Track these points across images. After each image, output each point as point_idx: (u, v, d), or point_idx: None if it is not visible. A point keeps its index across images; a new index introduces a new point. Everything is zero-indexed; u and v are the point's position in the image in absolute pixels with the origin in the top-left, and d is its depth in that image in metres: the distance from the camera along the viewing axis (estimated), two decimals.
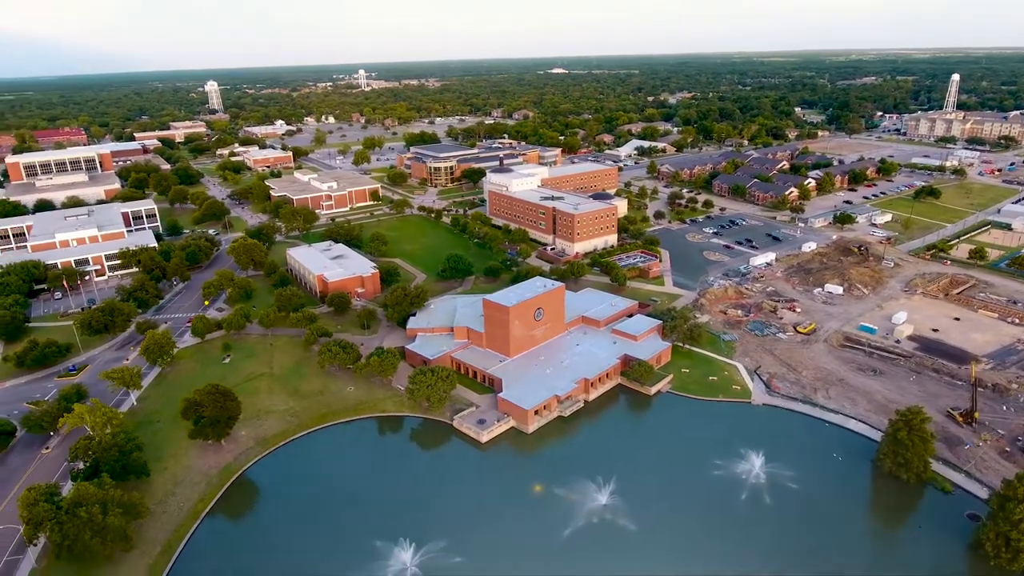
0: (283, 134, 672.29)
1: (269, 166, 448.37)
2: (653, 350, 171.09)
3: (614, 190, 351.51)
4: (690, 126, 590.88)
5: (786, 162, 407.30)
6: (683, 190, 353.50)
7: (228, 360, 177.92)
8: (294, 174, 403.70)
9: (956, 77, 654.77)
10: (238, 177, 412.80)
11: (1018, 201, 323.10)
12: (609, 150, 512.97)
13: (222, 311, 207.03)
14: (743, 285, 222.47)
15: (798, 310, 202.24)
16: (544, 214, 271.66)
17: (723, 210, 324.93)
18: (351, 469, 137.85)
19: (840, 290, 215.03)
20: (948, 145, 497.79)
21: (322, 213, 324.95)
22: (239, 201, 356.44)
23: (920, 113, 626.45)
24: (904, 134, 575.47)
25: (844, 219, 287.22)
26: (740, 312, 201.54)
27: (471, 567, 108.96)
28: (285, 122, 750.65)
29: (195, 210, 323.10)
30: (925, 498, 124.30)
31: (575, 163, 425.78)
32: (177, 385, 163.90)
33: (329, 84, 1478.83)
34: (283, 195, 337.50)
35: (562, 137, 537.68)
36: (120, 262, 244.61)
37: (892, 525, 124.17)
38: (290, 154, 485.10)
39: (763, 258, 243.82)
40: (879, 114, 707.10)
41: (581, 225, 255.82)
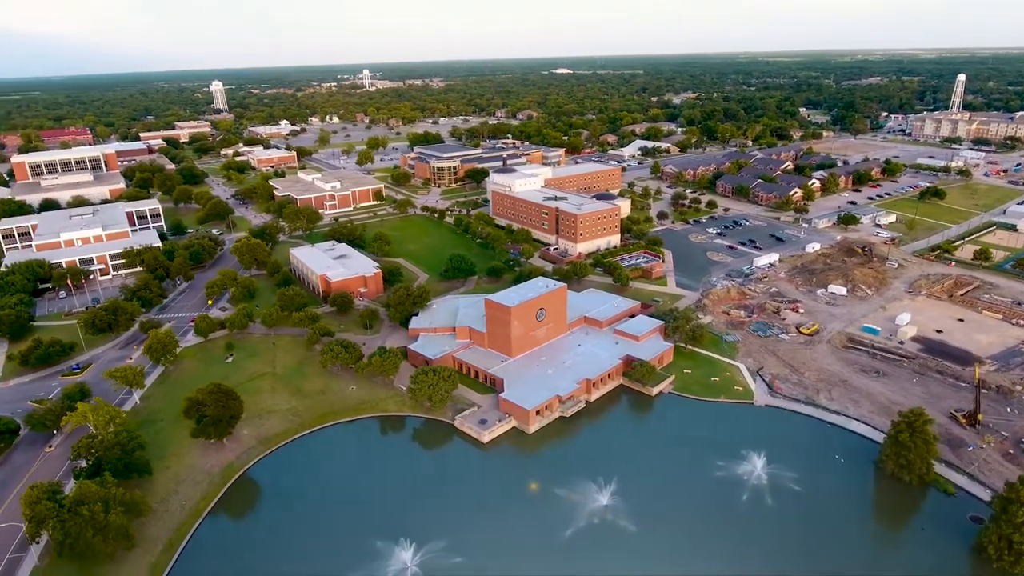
0: (287, 134, 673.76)
1: (273, 166, 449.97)
2: (655, 351, 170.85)
3: (617, 190, 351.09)
4: (694, 126, 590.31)
5: (790, 163, 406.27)
6: (687, 190, 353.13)
7: (231, 359, 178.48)
8: (298, 174, 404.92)
9: (962, 77, 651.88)
10: (242, 177, 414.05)
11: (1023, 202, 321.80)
12: (613, 150, 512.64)
13: (225, 310, 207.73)
14: (746, 286, 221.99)
15: (801, 311, 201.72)
16: (547, 214, 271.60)
17: (727, 211, 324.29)
18: (352, 468, 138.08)
19: (844, 291, 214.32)
20: (953, 146, 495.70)
21: (325, 213, 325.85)
22: (243, 201, 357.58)
23: (925, 114, 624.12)
24: (909, 135, 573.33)
25: (848, 220, 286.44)
26: (743, 313, 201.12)
27: (471, 567, 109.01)
28: (289, 122, 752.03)
29: (199, 210, 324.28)
30: (927, 500, 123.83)
31: (578, 163, 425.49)
32: (180, 384, 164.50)
33: (334, 84, 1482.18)
34: (287, 195, 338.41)
35: (566, 137, 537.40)
36: (124, 261, 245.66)
37: (894, 527, 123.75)
38: (294, 154, 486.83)
39: (766, 259, 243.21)
40: (884, 115, 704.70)
41: (584, 225, 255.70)
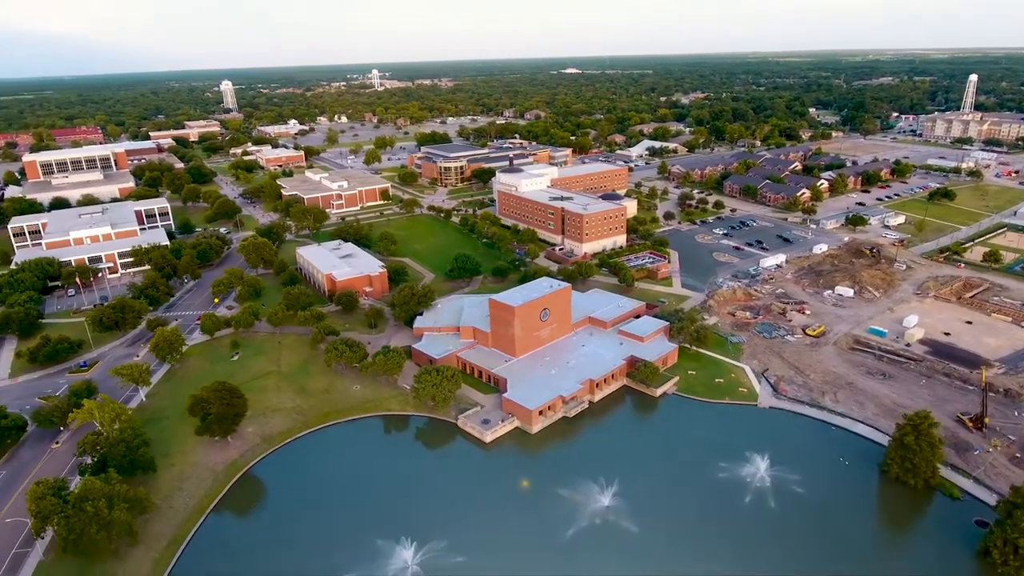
0: (296, 133, 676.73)
1: (281, 165, 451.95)
2: (659, 351, 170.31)
3: (624, 191, 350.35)
4: (702, 126, 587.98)
5: (799, 163, 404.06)
6: (694, 191, 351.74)
7: (236, 358, 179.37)
8: (305, 173, 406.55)
9: (974, 78, 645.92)
10: (250, 176, 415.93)
11: None
12: (620, 150, 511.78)
13: (231, 309, 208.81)
14: (752, 287, 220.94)
15: (807, 312, 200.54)
16: (553, 214, 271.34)
17: (734, 211, 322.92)
18: (355, 467, 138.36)
19: (851, 292, 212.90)
20: (964, 146, 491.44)
21: (332, 212, 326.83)
22: (251, 200, 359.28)
23: (936, 114, 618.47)
24: (920, 135, 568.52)
25: (856, 221, 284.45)
26: (749, 314, 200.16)
27: (472, 567, 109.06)
28: (298, 121, 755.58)
29: (207, 208, 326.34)
30: (933, 504, 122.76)
31: (586, 163, 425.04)
32: (186, 382, 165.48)
33: (343, 84, 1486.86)
34: (294, 194, 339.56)
35: (573, 137, 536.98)
36: (132, 260, 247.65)
37: (898, 531, 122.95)
38: (302, 153, 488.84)
39: (773, 260, 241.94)
40: (895, 115, 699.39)
41: (590, 225, 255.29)
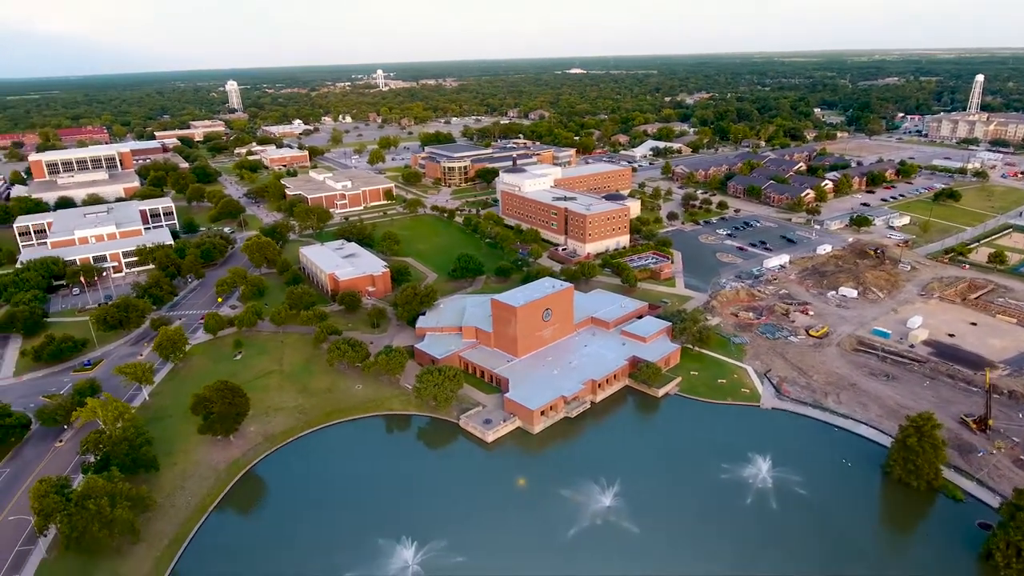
0: (300, 133, 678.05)
1: (285, 165, 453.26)
2: (662, 352, 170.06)
3: (627, 191, 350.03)
4: (706, 127, 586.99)
5: (803, 163, 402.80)
6: (697, 191, 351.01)
7: (239, 357, 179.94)
8: (309, 173, 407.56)
9: (980, 78, 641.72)
10: (255, 176, 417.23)
11: None
12: (624, 151, 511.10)
13: (235, 308, 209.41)
14: (756, 287, 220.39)
15: (811, 313, 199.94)
16: (556, 214, 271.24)
17: (737, 211, 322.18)
18: (357, 467, 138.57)
19: (854, 293, 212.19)
20: (970, 147, 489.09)
21: (336, 212, 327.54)
22: (255, 200, 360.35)
23: (942, 114, 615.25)
24: (925, 136, 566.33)
25: (861, 221, 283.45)
26: (752, 315, 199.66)
27: (473, 567, 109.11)
28: (303, 121, 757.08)
29: (211, 208, 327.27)
30: (935, 506, 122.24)
31: (589, 163, 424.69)
32: (189, 381, 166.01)
33: (347, 84, 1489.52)
34: (298, 194, 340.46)
35: (577, 137, 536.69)
36: (137, 259, 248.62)
37: (901, 533, 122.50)
38: (306, 153, 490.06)
39: (777, 260, 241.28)
40: (900, 115, 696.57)
41: (593, 226, 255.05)
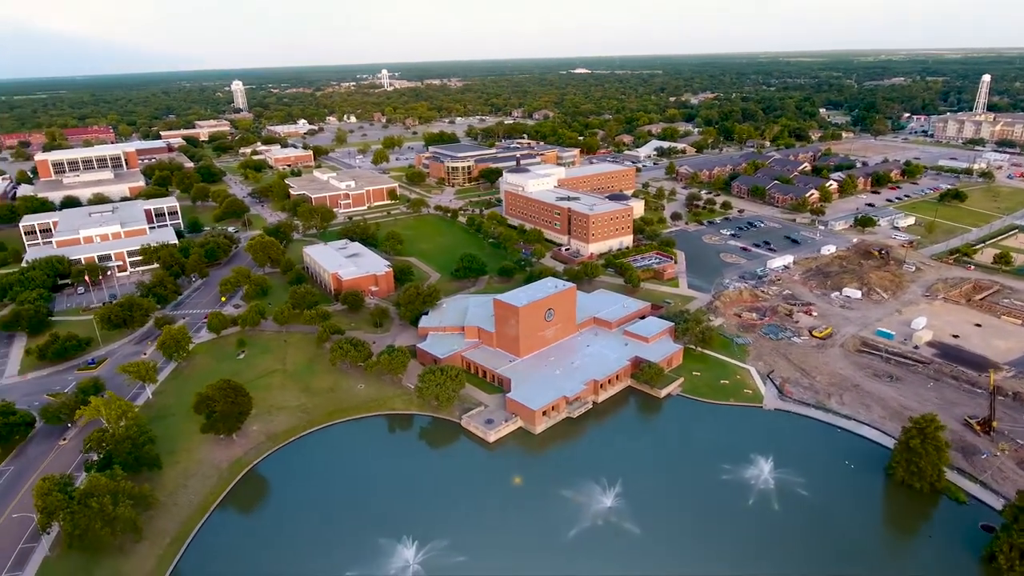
0: (305, 133, 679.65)
1: (290, 165, 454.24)
2: (664, 352, 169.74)
3: (631, 191, 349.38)
4: (711, 127, 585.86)
5: (808, 164, 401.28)
6: (701, 191, 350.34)
7: (242, 356, 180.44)
8: (314, 173, 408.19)
9: (987, 78, 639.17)
10: (259, 175, 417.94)
11: None
12: (628, 151, 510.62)
13: (238, 308, 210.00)
14: (759, 288, 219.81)
15: (814, 314, 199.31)
16: (559, 214, 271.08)
17: (741, 212, 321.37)
18: (359, 466, 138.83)
19: (858, 294, 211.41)
20: (977, 147, 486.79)
21: (340, 212, 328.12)
22: (259, 199, 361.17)
23: (949, 114, 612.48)
24: (931, 136, 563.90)
25: (865, 222, 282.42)
26: (755, 315, 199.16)
27: (473, 567, 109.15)
28: (308, 121, 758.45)
29: (216, 207, 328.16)
30: (938, 508, 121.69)
31: (593, 164, 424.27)
32: (192, 380, 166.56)
33: (352, 84, 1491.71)
34: (302, 193, 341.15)
35: (581, 137, 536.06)
36: (141, 258, 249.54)
37: (903, 535, 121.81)
38: (311, 153, 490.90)
39: (780, 261, 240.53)
40: (906, 115, 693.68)
41: (596, 226, 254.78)
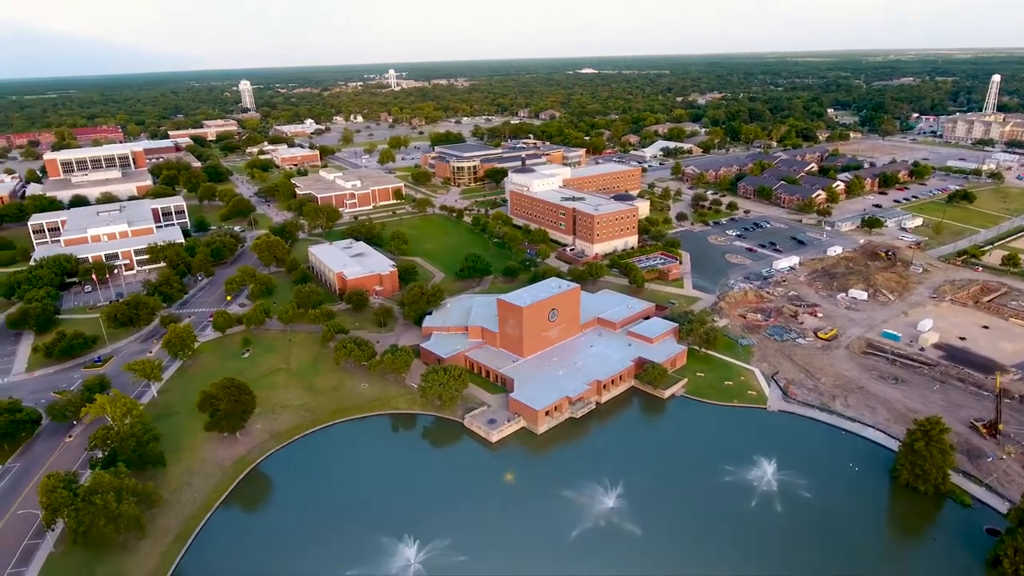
0: (312, 133, 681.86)
1: (296, 164, 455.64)
2: (668, 353, 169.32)
3: (637, 191, 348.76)
4: (718, 127, 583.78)
5: (815, 164, 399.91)
6: (707, 192, 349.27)
7: (247, 355, 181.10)
8: (320, 172, 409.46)
9: (997, 78, 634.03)
10: (266, 175, 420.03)
11: None
12: (634, 151, 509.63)
13: (243, 307, 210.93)
14: (764, 289, 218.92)
15: (820, 315, 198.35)
16: (564, 215, 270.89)
17: (747, 212, 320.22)
18: (362, 465, 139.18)
19: (864, 296, 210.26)
20: (986, 148, 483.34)
21: (345, 211, 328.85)
22: (265, 199, 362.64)
23: (958, 115, 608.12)
24: (940, 136, 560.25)
25: (872, 223, 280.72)
26: (760, 316, 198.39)
27: (474, 566, 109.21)
28: (314, 121, 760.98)
29: (223, 207, 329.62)
30: (943, 511, 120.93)
31: (599, 164, 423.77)
32: (197, 378, 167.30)
33: (359, 84, 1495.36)
34: (308, 193, 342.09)
35: (587, 137, 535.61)
36: (148, 257, 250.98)
37: (907, 538, 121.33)
38: (317, 152, 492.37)
39: (786, 262, 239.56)
40: (915, 116, 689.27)
41: (601, 226, 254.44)
